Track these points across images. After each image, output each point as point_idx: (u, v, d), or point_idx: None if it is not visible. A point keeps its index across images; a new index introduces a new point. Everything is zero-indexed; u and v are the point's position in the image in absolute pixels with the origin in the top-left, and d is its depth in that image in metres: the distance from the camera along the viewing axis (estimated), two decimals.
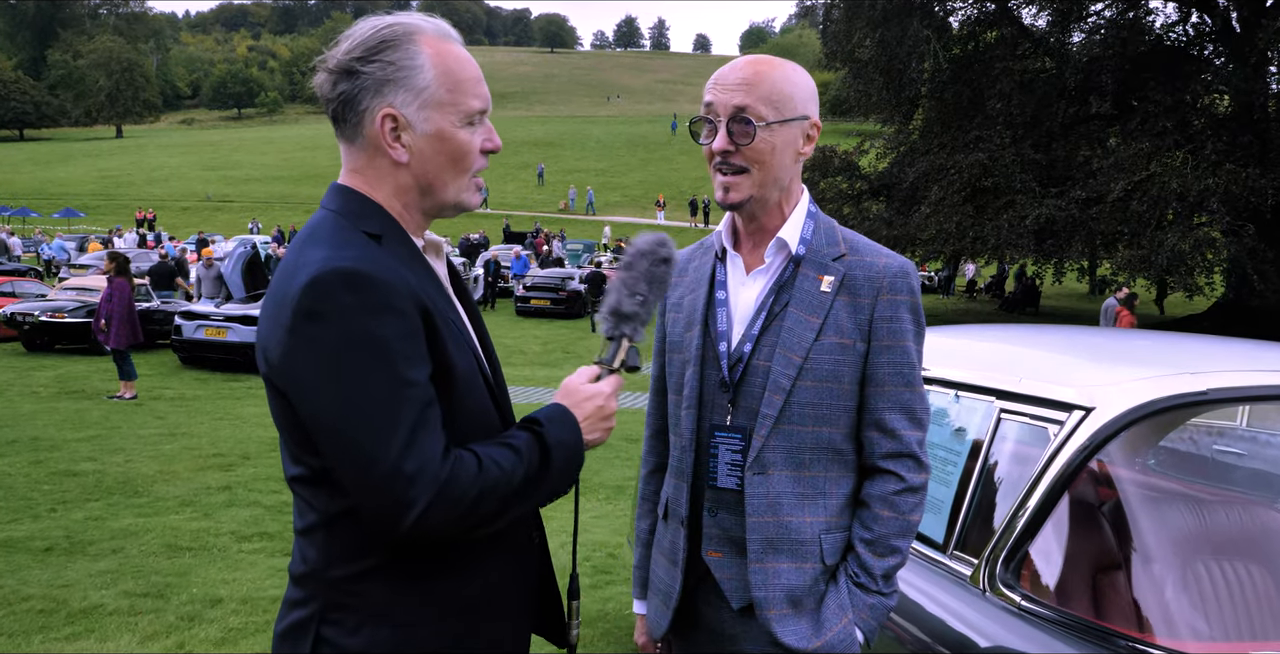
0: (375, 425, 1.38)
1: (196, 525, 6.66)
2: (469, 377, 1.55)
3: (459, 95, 1.57)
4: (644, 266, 1.71)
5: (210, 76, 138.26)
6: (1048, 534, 2.13)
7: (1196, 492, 2.31)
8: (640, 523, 2.21)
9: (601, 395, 1.64)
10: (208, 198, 60.20)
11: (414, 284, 1.47)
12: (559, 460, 1.55)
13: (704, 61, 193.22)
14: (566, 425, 1.59)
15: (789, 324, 1.88)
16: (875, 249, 1.94)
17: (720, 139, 1.88)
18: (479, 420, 1.56)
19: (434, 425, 1.42)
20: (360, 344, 1.38)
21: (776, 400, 1.87)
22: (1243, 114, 21.66)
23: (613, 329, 1.69)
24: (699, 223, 51.36)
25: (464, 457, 1.44)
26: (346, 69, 1.53)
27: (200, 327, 15.19)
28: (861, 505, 1.91)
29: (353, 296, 1.39)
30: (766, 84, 1.86)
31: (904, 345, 1.88)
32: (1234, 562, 2.05)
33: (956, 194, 22.44)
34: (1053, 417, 2.20)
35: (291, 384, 1.45)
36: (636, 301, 1.68)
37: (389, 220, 1.57)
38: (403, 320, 1.42)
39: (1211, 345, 2.63)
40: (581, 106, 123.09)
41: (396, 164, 1.56)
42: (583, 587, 5.58)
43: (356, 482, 1.40)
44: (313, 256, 1.45)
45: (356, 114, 1.54)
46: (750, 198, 1.90)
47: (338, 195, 1.59)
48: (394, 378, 1.39)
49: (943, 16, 25.28)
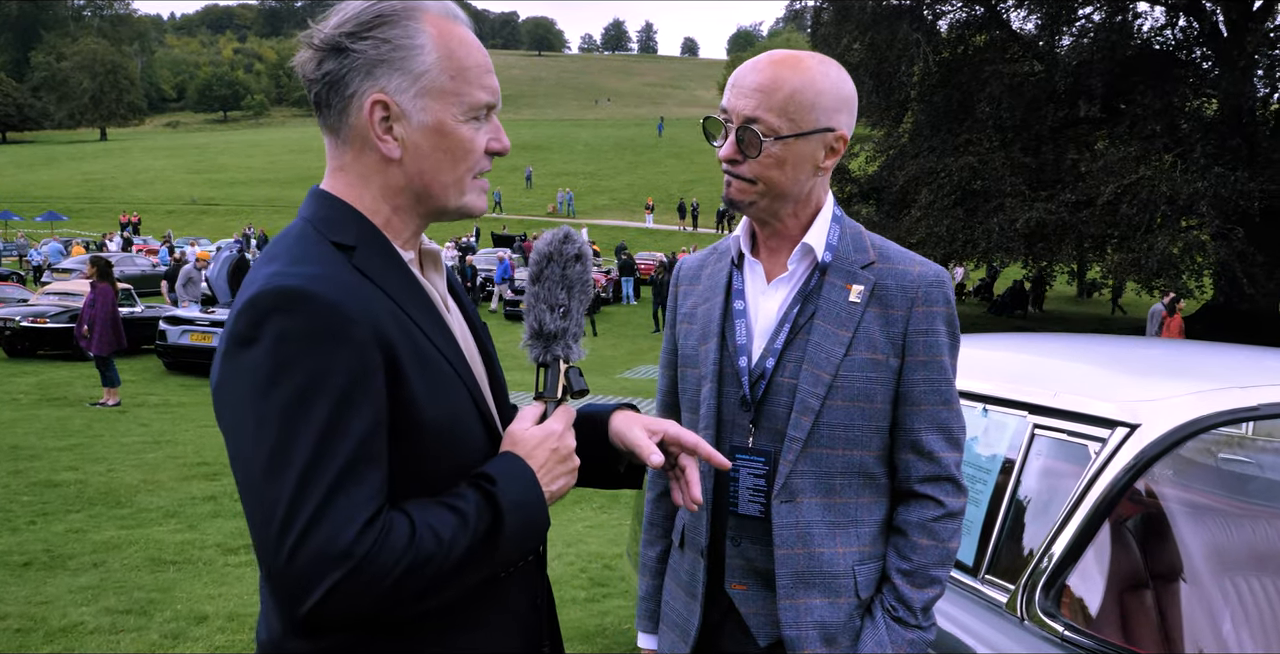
0: (285, 481, 1.13)
1: (181, 538, 6.49)
2: (452, 426, 1.31)
3: (463, 84, 1.34)
4: (556, 272, 1.44)
5: (196, 79, 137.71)
6: (1091, 559, 2.00)
7: (1249, 512, 2.19)
8: (648, 551, 2.05)
9: (554, 436, 1.37)
10: (193, 201, 59.79)
11: (379, 310, 1.24)
12: (514, 525, 1.27)
13: (692, 64, 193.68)
14: (524, 481, 1.31)
15: (816, 338, 1.74)
16: (907, 256, 1.80)
17: (727, 146, 1.73)
18: (464, 466, 1.32)
19: (365, 486, 1.16)
20: (290, 379, 1.15)
21: (805, 422, 1.72)
22: (1231, 117, 21.71)
23: (542, 354, 1.42)
24: (688, 226, 51.28)
25: (395, 525, 1.18)
26: (334, 45, 1.30)
27: (185, 332, 14.99)
28: (897, 533, 1.77)
29: (292, 321, 1.17)
30: (784, 92, 1.69)
31: (940, 361, 1.74)
32: None
33: (946, 197, 22.44)
34: (1093, 433, 2.07)
35: (220, 420, 1.24)
36: (559, 315, 1.42)
37: (368, 228, 1.34)
38: (351, 353, 1.18)
39: (1253, 356, 2.51)
40: (569, 109, 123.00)
41: (387, 160, 1.34)
42: (579, 600, 5.46)
43: (257, 549, 1.16)
44: (263, 273, 1.24)
45: (343, 99, 1.32)
46: (754, 203, 1.77)
47: (313, 201, 1.38)
48: (323, 424, 1.15)
49: (932, 20, 25.30)
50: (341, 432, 1.16)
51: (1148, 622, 1.94)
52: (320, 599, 1.12)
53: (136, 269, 29.18)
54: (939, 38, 25.19)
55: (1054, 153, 23.26)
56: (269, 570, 1.16)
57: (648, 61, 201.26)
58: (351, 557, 1.12)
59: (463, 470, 1.32)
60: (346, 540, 1.12)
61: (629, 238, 47.31)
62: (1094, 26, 23.29)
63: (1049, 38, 24.19)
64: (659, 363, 2.05)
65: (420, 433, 1.27)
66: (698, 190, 58.06)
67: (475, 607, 1.34)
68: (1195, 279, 21.12)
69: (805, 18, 28.23)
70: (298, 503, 1.12)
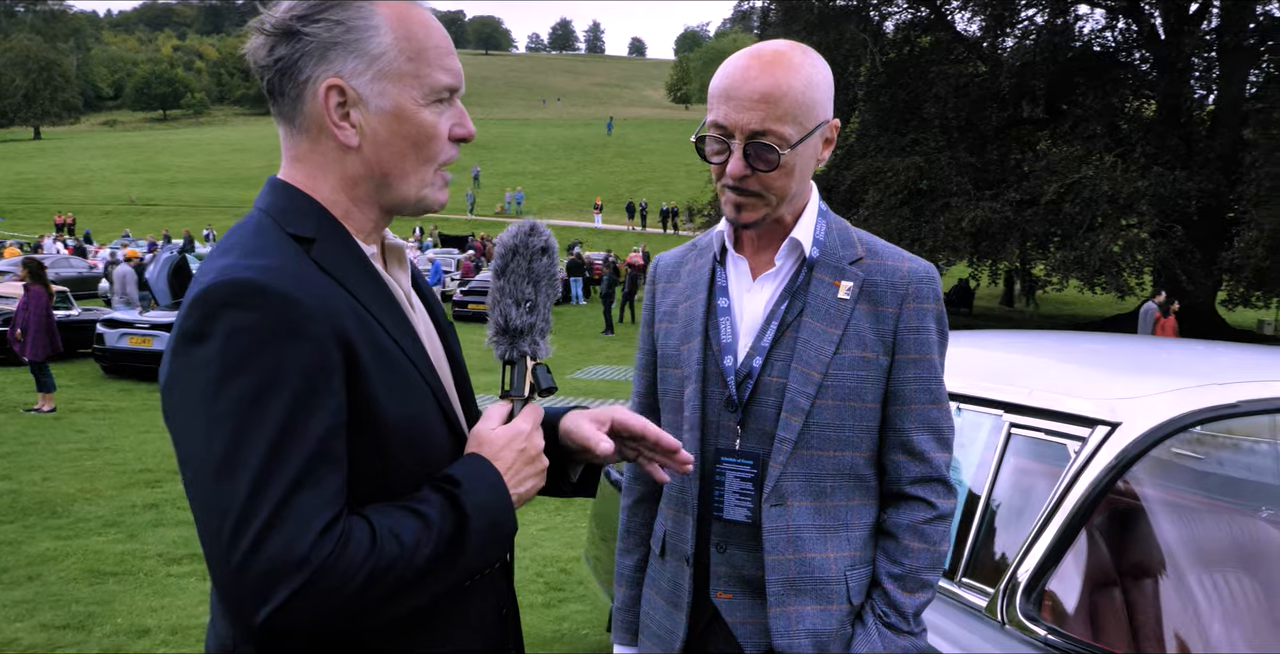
0: (238, 485, 1.06)
1: (121, 548, 6.26)
2: (414, 427, 1.25)
3: (422, 66, 1.28)
4: (522, 266, 1.38)
5: (134, 77, 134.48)
6: (1074, 560, 1.96)
7: (1225, 509, 2.16)
8: (624, 559, 1.97)
9: (521, 436, 1.31)
10: (132, 201, 58.47)
11: (338, 305, 1.18)
12: (480, 530, 1.21)
13: (639, 64, 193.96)
14: (489, 484, 1.26)
15: (805, 336, 1.68)
16: (895, 252, 1.75)
17: (736, 163, 1.63)
18: (427, 467, 1.26)
19: (324, 489, 1.10)
20: (243, 376, 1.09)
21: (794, 423, 1.66)
22: (1169, 118, 22.21)
23: (509, 351, 1.37)
24: (636, 226, 51.26)
25: (355, 530, 1.12)
26: (286, 30, 1.24)
27: (124, 335, 14.60)
28: (887, 536, 1.71)
29: (245, 315, 1.11)
30: (790, 98, 1.60)
31: (930, 359, 1.69)
32: None
33: (893, 196, 22.67)
34: (1073, 432, 2.03)
35: (168, 417, 1.16)
36: (526, 310, 1.36)
37: (327, 220, 1.28)
38: (308, 349, 1.12)
39: (1226, 354, 2.50)
40: (517, 109, 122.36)
41: (344, 148, 1.27)
42: (536, 605, 5.36)
43: (207, 556, 1.09)
44: (216, 265, 1.18)
45: (296, 85, 1.25)
46: (764, 218, 1.69)
47: (270, 192, 1.31)
48: (279, 425, 1.09)
49: (878, 21, 25.56)
50: (298, 433, 1.10)
51: (1130, 625, 1.90)
52: (276, 609, 1.06)
53: (73, 271, 28.40)
54: (885, 39, 25.45)
55: (998, 153, 23.63)
56: (220, 579, 1.08)
57: (595, 61, 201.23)
58: (309, 564, 1.06)
59: (426, 473, 1.25)
60: (304, 547, 1.06)
61: (577, 237, 47.18)
62: (1036, 28, 23.71)
63: (993, 39, 24.57)
64: (635, 363, 1.97)
65: (381, 434, 1.20)
66: (646, 190, 58.12)
67: (439, 617, 1.27)
68: (1136, 276, 21.54)
69: (752, 18, 28.33)
70: (251, 508, 1.06)
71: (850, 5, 24.55)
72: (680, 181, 58.57)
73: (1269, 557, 2.11)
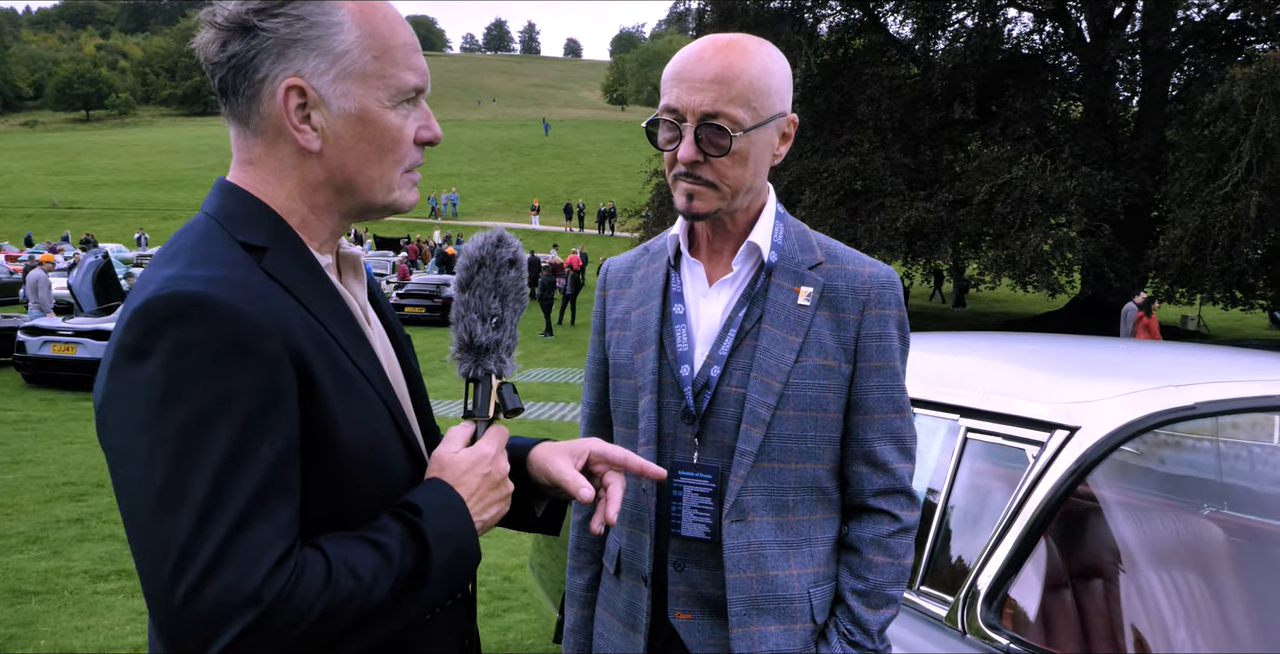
0: (181, 516, 0.99)
1: (44, 565, 6.02)
2: (371, 450, 1.17)
3: (388, 65, 1.20)
4: (489, 279, 1.31)
5: (55, 76, 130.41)
6: (1034, 567, 1.93)
7: (1192, 513, 2.15)
8: (575, 578, 1.89)
9: (486, 459, 1.25)
10: (54, 204, 56.70)
11: (291, 320, 1.10)
12: (442, 562, 1.15)
13: (575, 65, 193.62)
14: (452, 512, 1.19)
15: (764, 344, 1.61)
16: (856, 256, 1.70)
17: (687, 148, 1.57)
18: (384, 492, 1.18)
19: (275, 521, 1.03)
20: (187, 397, 1.01)
21: (755, 434, 1.60)
22: (1095, 120, 22.72)
23: (473, 369, 1.29)
24: (574, 227, 51.08)
25: (309, 564, 1.05)
26: (241, 24, 1.15)
27: (46, 342, 14.10)
28: (850, 550, 1.66)
29: (191, 331, 1.03)
30: (743, 81, 1.55)
31: (893, 366, 1.65)
32: (1247, 586, 1.89)
33: (829, 197, 22.83)
34: (1030, 436, 2.00)
35: (104, 441, 1.08)
36: (492, 326, 1.29)
37: (281, 228, 1.19)
38: (258, 368, 1.05)
39: (1180, 354, 2.50)
40: (452, 110, 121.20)
41: (304, 152, 1.19)
42: (480, 616, 5.25)
43: (146, 591, 1.03)
44: (159, 274, 1.09)
45: (252, 84, 1.17)
46: (716, 210, 1.63)
47: (219, 195, 1.22)
48: (226, 451, 1.01)
49: (812, 23, 25.72)
50: (247, 460, 1.03)
51: (1096, 632, 1.88)
52: (225, 648, 0.99)
53: None
54: (819, 41, 25.63)
55: (931, 153, 23.94)
56: (161, 616, 1.00)
57: (531, 62, 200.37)
58: (260, 601, 1.00)
59: (384, 499, 1.18)
60: (254, 583, 1.00)
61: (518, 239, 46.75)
62: (967, 31, 24.05)
63: (925, 41, 24.90)
64: (585, 373, 1.89)
65: (337, 458, 1.13)
66: (583, 191, 57.95)
67: (398, 652, 1.19)
68: (1066, 274, 21.98)
69: (688, 20, 28.33)
70: (197, 541, 0.99)
71: (785, 7, 24.69)
72: (618, 183, 58.51)
73: (1216, 554, 2.11)
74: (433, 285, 25.84)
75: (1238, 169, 17.64)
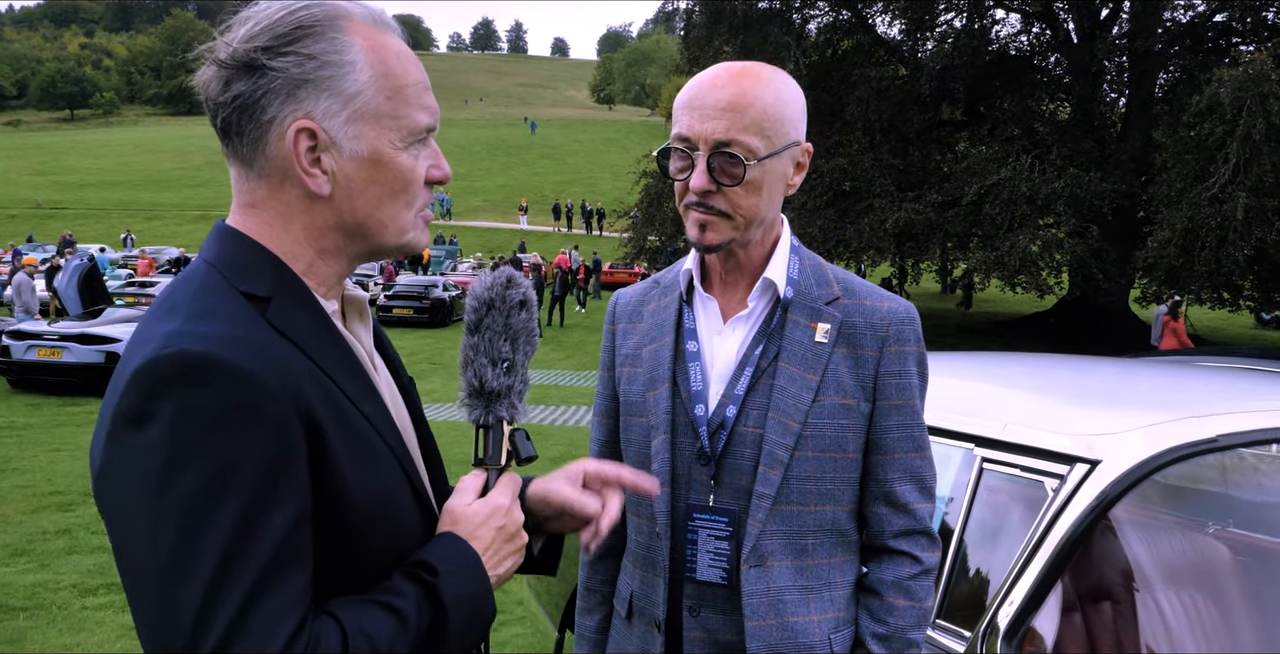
0: (189, 593, 0.95)
1: (31, 579, 5.93)
2: (383, 506, 1.13)
3: (401, 105, 1.17)
4: (499, 322, 1.27)
5: (39, 75, 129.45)
6: (1056, 603, 1.89)
7: (1217, 546, 2.12)
8: (585, 619, 1.84)
9: (500, 512, 1.21)
10: (38, 204, 56.31)
11: (299, 375, 1.06)
12: (459, 622, 1.12)
13: (563, 64, 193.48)
14: (468, 570, 1.16)
15: (782, 382, 1.57)
16: (873, 291, 1.66)
17: (699, 177, 1.54)
18: (398, 550, 1.14)
19: (287, 592, 0.99)
20: (193, 466, 0.97)
21: (773, 477, 1.56)
22: (1083, 121, 22.77)
23: (484, 416, 1.25)
24: (563, 227, 51.01)
25: (324, 636, 1.01)
26: (247, 63, 1.10)
27: (31, 347, 13.97)
28: (869, 593, 1.62)
29: (194, 394, 0.98)
30: (757, 108, 1.52)
31: (913, 405, 1.61)
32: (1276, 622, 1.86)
33: (819, 198, 22.84)
34: (1050, 469, 1.97)
35: (104, 509, 1.04)
36: (503, 370, 1.25)
37: (286, 276, 1.15)
38: (268, 433, 1.00)
39: (1201, 380, 2.46)
40: (439, 109, 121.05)
41: (313, 196, 1.14)
42: None
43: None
44: (158, 331, 1.04)
45: (259, 126, 1.12)
46: (730, 240, 1.59)
47: (219, 241, 1.16)
48: (236, 521, 0.97)
49: (801, 24, 25.72)
50: (257, 531, 0.98)
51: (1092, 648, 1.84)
52: None
53: None
54: (808, 41, 25.63)
55: (920, 154, 23.94)
56: None
57: (518, 61, 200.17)
58: None
59: (396, 555, 1.14)
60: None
61: (503, 240, 46.76)
62: (955, 32, 24.09)
63: (913, 42, 24.92)
64: (594, 410, 1.85)
65: (347, 517, 1.08)
66: (572, 191, 57.91)
67: None
68: (1054, 275, 22.03)
69: (676, 20, 28.31)
70: (208, 615, 0.95)
71: (774, 8, 24.66)
72: (605, 182, 58.51)
73: (1239, 584, 2.08)
74: (420, 287, 25.79)
75: (1225, 171, 17.69)
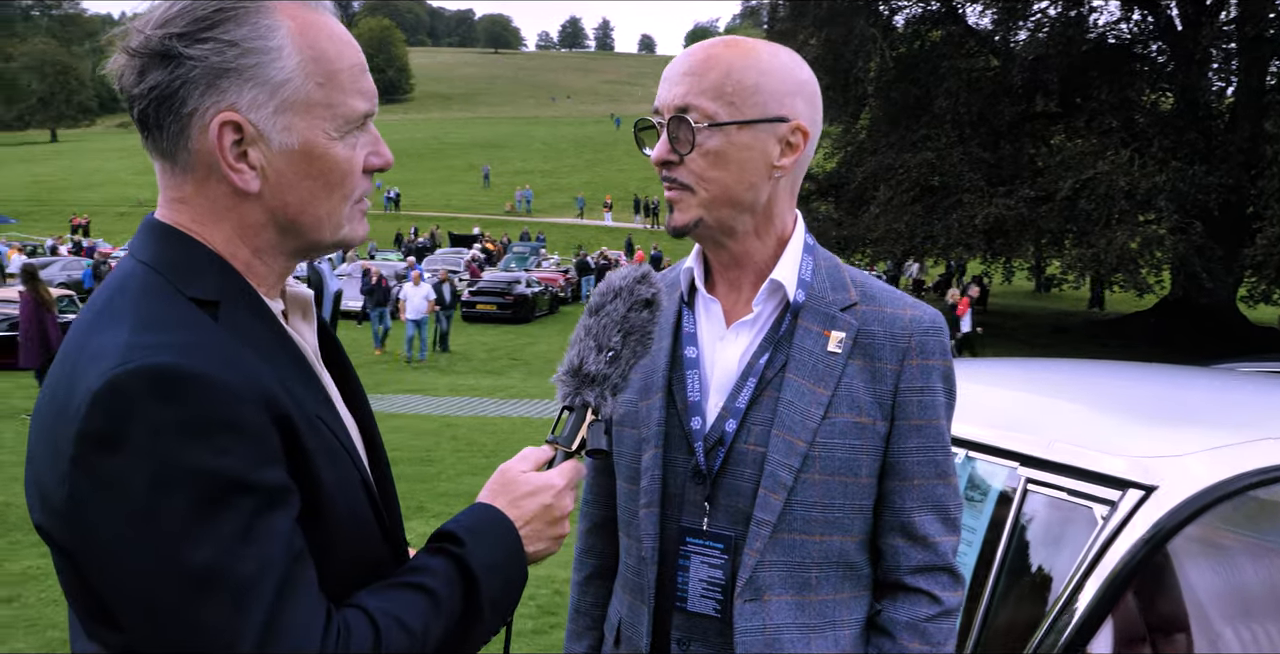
0: (217, 604, 0.91)
1: None
2: (344, 496, 1.07)
3: (335, 92, 1.07)
4: (619, 311, 1.27)
5: None
6: (1105, 642, 1.69)
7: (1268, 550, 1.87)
8: (574, 645, 1.72)
9: (551, 490, 1.17)
10: (138, 203, 58.53)
11: (267, 380, 0.99)
12: (490, 595, 1.08)
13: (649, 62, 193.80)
14: (499, 539, 1.12)
15: (788, 396, 1.41)
16: (895, 296, 1.48)
17: (659, 147, 1.42)
18: (360, 555, 1.08)
19: (305, 587, 0.96)
20: (183, 485, 0.91)
21: (775, 501, 1.39)
22: (1187, 112, 21.82)
23: (572, 396, 1.25)
24: (648, 223, 51.02)
25: (353, 623, 0.98)
26: (161, 51, 1.01)
27: None
28: (881, 633, 1.44)
29: (169, 410, 0.91)
30: (718, 72, 1.38)
31: (937, 425, 1.43)
32: None
33: (905, 193, 22.38)
34: (1100, 494, 1.75)
35: (80, 543, 0.96)
36: (606, 358, 1.25)
37: (230, 277, 1.06)
38: (251, 441, 0.95)
39: (1272, 393, 2.22)
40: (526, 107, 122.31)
41: (241, 194, 1.06)
42: (526, 632, 5.11)
43: None
44: (106, 342, 0.96)
45: (179, 119, 1.03)
46: (698, 221, 1.43)
47: (150, 239, 1.07)
48: (240, 530, 0.92)
49: (888, 15, 25.25)
50: (264, 533, 0.94)
51: None
52: None
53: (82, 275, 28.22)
54: (895, 33, 25.12)
55: (1011, 148, 23.28)
56: None
57: (605, 59, 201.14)
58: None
59: (360, 558, 1.08)
60: (313, 650, 0.94)
61: (589, 236, 46.97)
62: (1049, 21, 23.33)
63: (1005, 32, 24.21)
64: None
65: (326, 515, 1.03)
66: (655, 188, 57.84)
67: None
68: (1154, 273, 21.19)
69: (761, 14, 28.16)
70: (241, 626, 0.91)
71: (859, 1, 24.23)
72: None
73: None
74: (504, 283, 25.98)
75: None
